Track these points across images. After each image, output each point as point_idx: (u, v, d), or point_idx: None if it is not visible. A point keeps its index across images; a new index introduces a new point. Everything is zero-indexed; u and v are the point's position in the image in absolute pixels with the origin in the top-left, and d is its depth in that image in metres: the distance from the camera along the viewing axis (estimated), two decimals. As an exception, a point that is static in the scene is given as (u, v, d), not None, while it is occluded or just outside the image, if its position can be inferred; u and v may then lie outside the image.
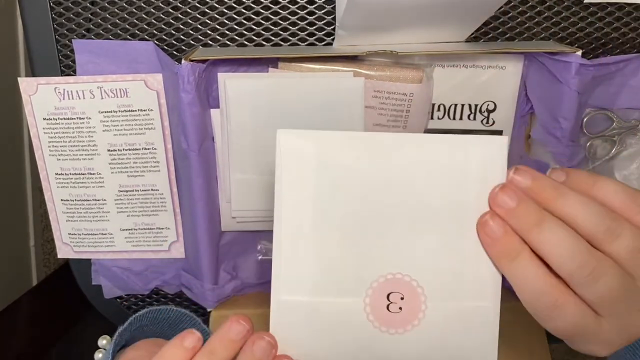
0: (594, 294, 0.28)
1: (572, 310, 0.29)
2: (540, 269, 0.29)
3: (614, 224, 0.27)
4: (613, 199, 0.28)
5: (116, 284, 0.61)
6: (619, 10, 0.53)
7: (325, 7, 0.52)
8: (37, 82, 0.52)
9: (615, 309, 0.28)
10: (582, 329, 0.29)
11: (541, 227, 0.28)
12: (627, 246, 0.27)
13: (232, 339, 0.31)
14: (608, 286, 0.27)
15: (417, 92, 0.51)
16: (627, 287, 0.28)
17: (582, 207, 0.27)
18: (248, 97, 0.51)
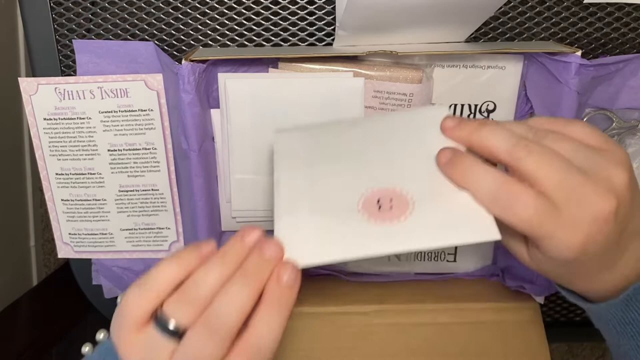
0: (534, 166, 0.31)
1: (529, 196, 0.31)
2: (489, 169, 0.32)
3: (544, 132, 0.32)
4: (538, 123, 0.34)
5: (116, 283, 0.61)
6: (618, 11, 0.53)
7: (325, 7, 0.52)
8: (37, 82, 0.52)
9: (566, 189, 0.30)
10: (545, 214, 0.30)
11: (482, 127, 0.33)
12: (560, 145, 0.31)
13: (244, 244, 0.33)
14: (547, 161, 0.31)
15: (417, 92, 0.51)
16: (572, 170, 0.30)
17: (510, 124, 0.33)
18: (248, 97, 0.51)
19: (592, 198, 0.30)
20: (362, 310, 0.53)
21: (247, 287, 0.31)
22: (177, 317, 0.30)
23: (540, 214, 0.31)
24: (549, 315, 0.65)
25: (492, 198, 0.32)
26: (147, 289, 0.31)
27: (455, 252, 0.59)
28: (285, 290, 0.31)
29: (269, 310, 0.31)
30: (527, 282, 0.56)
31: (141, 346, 0.31)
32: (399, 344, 0.52)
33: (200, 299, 0.30)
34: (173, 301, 0.31)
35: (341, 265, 0.58)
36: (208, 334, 0.30)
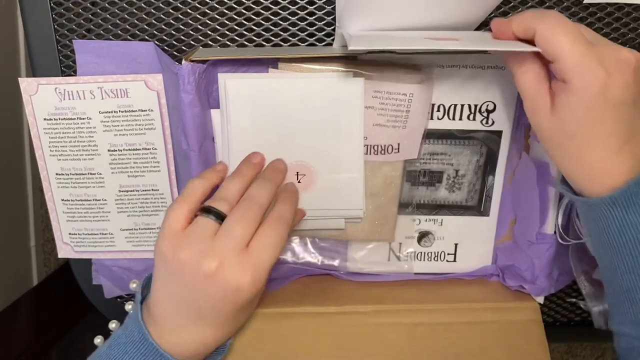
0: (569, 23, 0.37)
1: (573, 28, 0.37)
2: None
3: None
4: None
5: (116, 283, 0.61)
6: (618, 11, 0.53)
7: (325, 7, 0.52)
8: (37, 83, 0.52)
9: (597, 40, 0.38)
10: (581, 44, 0.36)
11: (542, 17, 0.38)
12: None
13: (253, 163, 0.46)
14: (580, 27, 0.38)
15: (416, 92, 0.51)
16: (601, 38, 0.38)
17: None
18: (248, 97, 0.51)
19: (618, 48, 0.37)
20: (361, 310, 0.53)
21: (267, 184, 0.44)
22: (218, 206, 0.41)
23: (576, 41, 0.36)
24: (549, 315, 0.65)
25: (539, 16, 0.38)
26: (185, 200, 0.42)
27: (455, 252, 0.60)
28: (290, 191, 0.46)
29: (283, 201, 0.44)
30: (527, 282, 0.56)
31: (188, 235, 0.40)
32: (399, 344, 0.52)
33: (230, 197, 0.42)
34: (211, 201, 0.42)
35: (341, 266, 0.58)
36: (242, 214, 0.41)
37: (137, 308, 0.42)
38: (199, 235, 0.40)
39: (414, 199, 0.58)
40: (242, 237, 0.40)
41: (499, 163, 0.56)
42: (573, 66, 0.36)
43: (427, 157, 0.56)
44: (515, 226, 0.58)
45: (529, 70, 0.39)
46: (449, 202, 0.58)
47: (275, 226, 0.41)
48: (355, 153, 0.52)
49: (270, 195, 0.43)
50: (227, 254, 0.39)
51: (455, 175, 0.57)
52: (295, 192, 0.47)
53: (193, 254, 0.39)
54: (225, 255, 0.39)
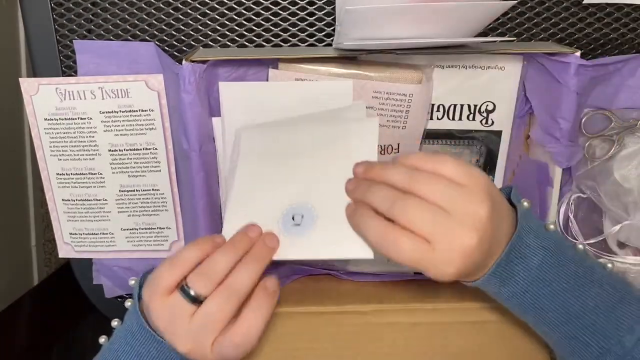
0: (411, 218, 0.37)
1: (407, 240, 0.37)
2: (375, 219, 0.39)
3: (417, 175, 0.38)
4: (417, 162, 0.39)
5: (117, 283, 0.61)
6: (617, 11, 0.53)
7: (325, 7, 0.52)
8: (38, 83, 0.52)
9: (435, 232, 0.37)
10: (422, 257, 0.37)
11: (366, 192, 0.40)
12: (430, 187, 0.38)
13: (248, 236, 0.43)
14: (419, 213, 0.37)
15: (416, 92, 0.51)
16: (438, 214, 0.37)
17: (393, 171, 0.39)
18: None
19: (459, 235, 0.37)
20: (361, 309, 0.53)
21: (255, 265, 0.42)
22: (197, 288, 0.40)
23: (417, 254, 0.37)
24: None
25: (378, 242, 0.39)
26: (175, 264, 0.41)
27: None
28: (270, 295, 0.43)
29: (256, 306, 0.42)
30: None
31: (168, 308, 0.40)
32: (399, 344, 0.52)
33: (216, 274, 0.40)
34: (195, 275, 0.41)
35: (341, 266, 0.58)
36: (223, 300, 0.40)
37: (135, 302, 0.44)
38: (176, 314, 0.41)
39: (414, 199, 0.58)
40: (219, 327, 0.40)
41: (498, 163, 0.56)
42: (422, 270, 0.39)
43: (427, 157, 0.56)
44: (514, 226, 0.58)
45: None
46: (449, 202, 0.58)
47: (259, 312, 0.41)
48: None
49: (254, 280, 0.42)
50: (202, 339, 0.40)
51: (455, 175, 0.57)
52: (275, 293, 0.43)
53: (169, 331, 0.41)
54: (201, 340, 0.40)
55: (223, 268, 0.41)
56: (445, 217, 0.37)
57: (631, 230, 0.53)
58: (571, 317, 0.41)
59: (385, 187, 0.39)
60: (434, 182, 0.38)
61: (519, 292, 0.41)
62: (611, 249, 0.56)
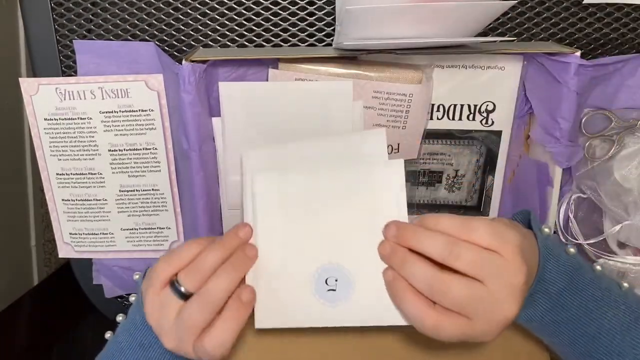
0: (451, 301, 0.38)
1: (449, 323, 0.38)
2: (415, 297, 0.39)
3: (454, 247, 0.38)
4: (450, 229, 0.39)
5: (117, 283, 0.61)
6: (617, 11, 0.53)
7: (325, 7, 0.52)
8: (38, 83, 0.52)
9: (475, 309, 0.38)
10: (463, 333, 0.38)
11: (404, 264, 0.40)
12: (468, 260, 0.38)
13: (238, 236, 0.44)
14: (458, 293, 0.37)
15: (416, 92, 0.51)
16: (477, 290, 0.37)
17: (430, 241, 0.39)
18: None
19: (499, 310, 0.38)
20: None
21: (232, 273, 0.42)
22: (186, 285, 0.42)
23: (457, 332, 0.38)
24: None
25: (417, 323, 0.39)
26: (171, 260, 0.43)
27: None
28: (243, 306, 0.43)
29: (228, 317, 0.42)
30: (527, 282, 0.56)
31: (159, 302, 0.42)
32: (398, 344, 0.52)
33: (203, 273, 0.42)
34: (185, 272, 0.42)
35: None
36: (200, 305, 0.41)
37: (138, 296, 0.46)
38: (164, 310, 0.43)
39: (414, 198, 0.58)
40: (197, 327, 0.42)
41: (498, 163, 0.56)
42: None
43: (427, 157, 0.56)
44: (514, 226, 0.58)
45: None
46: (449, 202, 0.58)
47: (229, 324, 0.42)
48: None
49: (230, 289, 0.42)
50: (182, 340, 0.42)
51: (455, 175, 0.57)
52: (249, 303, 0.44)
53: (157, 326, 0.43)
54: (180, 341, 0.42)
55: (212, 266, 0.42)
56: (484, 292, 0.38)
57: (631, 230, 0.53)
58: (588, 339, 0.42)
59: (422, 264, 0.39)
60: (471, 255, 0.38)
61: (538, 317, 0.42)
62: (611, 249, 0.56)
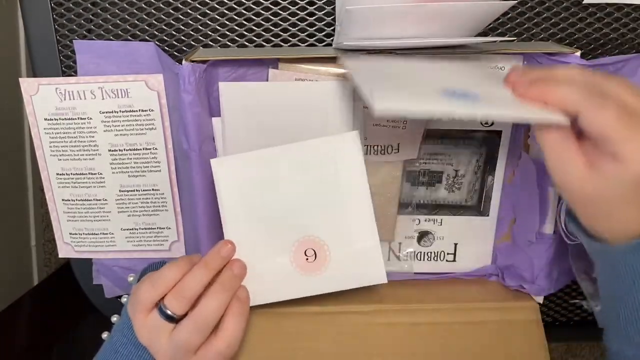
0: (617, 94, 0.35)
1: (614, 101, 0.35)
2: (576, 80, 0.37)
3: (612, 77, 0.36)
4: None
5: (117, 283, 0.61)
6: (617, 11, 0.53)
7: (325, 7, 0.52)
8: (38, 83, 0.52)
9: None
10: (627, 118, 0.34)
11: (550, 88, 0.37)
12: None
13: (220, 255, 0.46)
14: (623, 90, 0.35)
15: (416, 92, 0.51)
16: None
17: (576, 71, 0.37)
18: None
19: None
20: (361, 309, 0.53)
21: (222, 294, 0.44)
22: (172, 308, 0.43)
23: (629, 122, 0.34)
24: (549, 315, 0.65)
25: (585, 95, 0.35)
26: (155, 284, 0.44)
27: (454, 252, 0.60)
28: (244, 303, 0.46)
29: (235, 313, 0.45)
30: (527, 282, 0.56)
31: (148, 326, 0.44)
32: (399, 344, 0.52)
33: (189, 296, 0.43)
34: (171, 296, 0.44)
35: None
36: (194, 328, 0.43)
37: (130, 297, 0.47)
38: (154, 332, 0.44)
39: (414, 198, 0.58)
40: (192, 349, 0.44)
41: (498, 163, 0.56)
42: (624, 146, 0.34)
43: (427, 157, 0.56)
44: (514, 226, 0.58)
45: (552, 128, 0.37)
46: (449, 202, 0.58)
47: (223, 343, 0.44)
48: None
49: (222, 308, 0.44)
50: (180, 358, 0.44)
51: (455, 175, 0.57)
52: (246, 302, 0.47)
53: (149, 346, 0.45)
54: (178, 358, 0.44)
55: (196, 288, 0.44)
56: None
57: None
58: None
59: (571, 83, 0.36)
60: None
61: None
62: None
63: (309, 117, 0.51)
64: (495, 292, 0.57)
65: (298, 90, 0.51)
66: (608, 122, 0.34)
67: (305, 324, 0.53)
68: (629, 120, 0.34)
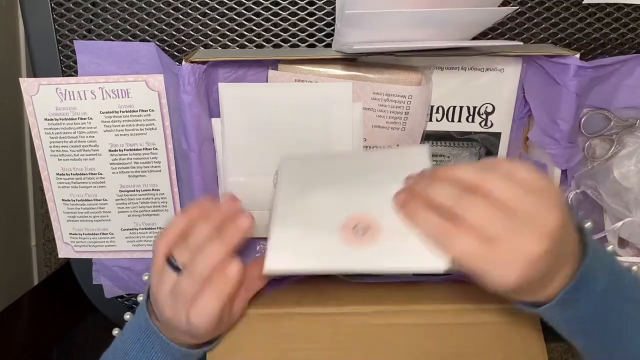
0: (474, 214, 0.36)
1: (467, 234, 0.36)
2: (432, 210, 0.38)
3: (489, 173, 0.37)
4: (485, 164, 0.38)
5: (117, 283, 0.61)
6: (617, 11, 0.53)
7: (325, 7, 0.52)
8: (38, 83, 0.52)
9: (498, 232, 0.35)
10: (482, 251, 0.35)
11: (431, 185, 0.39)
12: (501, 187, 0.36)
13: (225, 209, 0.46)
14: (487, 210, 0.35)
15: (416, 94, 0.51)
16: (508, 214, 0.35)
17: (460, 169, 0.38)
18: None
19: (528, 239, 0.35)
20: (360, 310, 0.53)
21: (218, 247, 0.43)
22: (180, 259, 0.44)
23: (477, 250, 0.35)
24: (548, 315, 0.65)
25: (434, 234, 0.38)
26: (166, 236, 0.45)
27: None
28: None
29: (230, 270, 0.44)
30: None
31: (159, 276, 0.45)
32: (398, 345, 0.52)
33: (194, 248, 0.44)
34: (178, 248, 0.44)
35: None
36: (191, 278, 0.43)
37: (144, 297, 0.48)
38: (162, 285, 0.45)
39: (414, 199, 0.58)
40: (189, 298, 0.44)
41: (498, 164, 0.56)
42: (483, 277, 0.37)
43: (427, 158, 0.56)
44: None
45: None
46: (449, 203, 0.58)
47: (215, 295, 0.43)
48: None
49: (217, 261, 0.43)
50: (177, 311, 0.44)
51: (455, 176, 0.57)
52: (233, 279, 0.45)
53: (157, 298, 0.45)
54: (175, 312, 0.44)
55: (200, 240, 0.44)
56: (514, 218, 0.35)
57: (633, 227, 0.53)
58: (624, 340, 0.40)
59: (449, 184, 0.38)
60: (506, 181, 0.36)
61: (578, 317, 0.40)
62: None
63: (308, 118, 0.51)
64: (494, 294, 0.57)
65: (297, 91, 0.51)
66: (464, 255, 0.36)
67: (304, 325, 0.53)
68: (477, 254, 0.35)
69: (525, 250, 0.34)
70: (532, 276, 0.35)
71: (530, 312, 0.42)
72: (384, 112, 0.52)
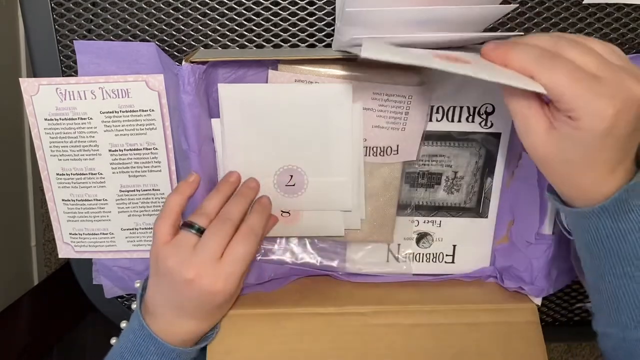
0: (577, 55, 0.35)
1: (570, 63, 0.35)
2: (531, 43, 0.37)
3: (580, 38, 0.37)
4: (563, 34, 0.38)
5: (117, 283, 0.61)
6: (617, 11, 0.53)
7: (325, 7, 0.52)
8: (38, 83, 0.52)
9: (605, 69, 0.35)
10: (587, 79, 0.34)
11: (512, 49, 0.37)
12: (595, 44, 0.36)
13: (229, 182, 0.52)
14: (586, 54, 0.35)
15: (416, 94, 0.51)
16: (606, 60, 0.35)
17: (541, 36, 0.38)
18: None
19: (632, 83, 0.34)
20: (360, 310, 0.53)
21: (241, 201, 0.50)
22: (200, 222, 0.48)
23: (580, 77, 0.34)
24: (548, 315, 0.65)
25: (538, 58, 0.35)
26: (167, 216, 0.48)
27: (453, 254, 0.60)
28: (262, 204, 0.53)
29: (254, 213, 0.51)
30: (526, 283, 0.56)
31: (174, 245, 0.47)
32: (397, 345, 0.52)
33: (209, 212, 0.49)
34: (196, 215, 0.49)
35: (340, 266, 0.59)
36: (217, 229, 0.47)
37: (138, 303, 0.49)
38: (181, 247, 0.47)
39: (413, 200, 0.58)
40: (216, 250, 0.46)
41: (497, 165, 0.56)
42: (575, 103, 0.35)
43: (426, 159, 0.56)
44: (513, 227, 0.58)
45: (519, 94, 0.38)
46: (448, 204, 0.58)
47: (245, 239, 0.48)
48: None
49: (242, 210, 0.50)
50: (203, 265, 0.46)
51: (454, 176, 0.57)
52: (267, 205, 0.53)
53: (176, 263, 0.46)
54: (201, 266, 0.46)
55: (215, 206, 0.49)
56: (617, 67, 0.35)
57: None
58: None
59: (528, 46, 0.37)
60: (604, 44, 0.37)
61: (631, 230, 0.38)
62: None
63: (308, 118, 0.52)
64: (493, 294, 0.57)
65: (297, 91, 0.51)
66: (559, 81, 0.35)
67: (304, 325, 0.53)
68: (580, 79, 0.34)
69: (630, 88, 0.34)
70: (626, 121, 0.35)
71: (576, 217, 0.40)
72: (384, 112, 0.52)
